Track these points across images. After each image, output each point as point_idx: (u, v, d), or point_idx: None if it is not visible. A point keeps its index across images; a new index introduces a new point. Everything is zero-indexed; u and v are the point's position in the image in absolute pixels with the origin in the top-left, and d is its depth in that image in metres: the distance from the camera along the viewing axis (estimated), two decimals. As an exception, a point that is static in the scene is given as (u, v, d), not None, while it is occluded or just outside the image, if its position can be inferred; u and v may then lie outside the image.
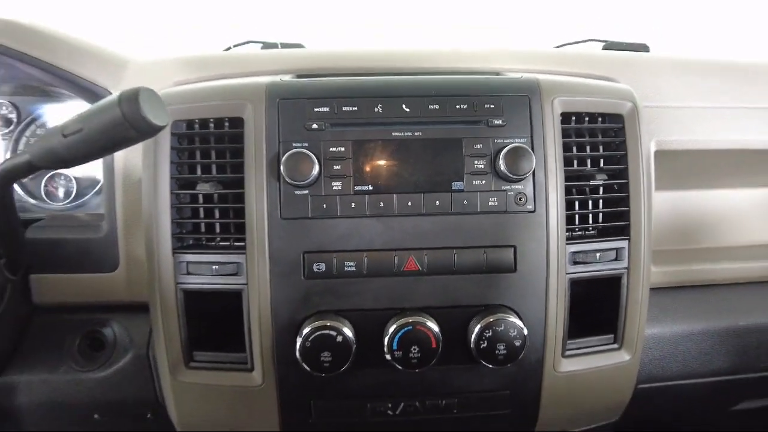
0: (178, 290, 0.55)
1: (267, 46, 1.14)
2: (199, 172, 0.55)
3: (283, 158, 0.51)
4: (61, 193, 0.74)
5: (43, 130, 0.75)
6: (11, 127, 0.75)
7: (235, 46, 1.12)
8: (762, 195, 0.75)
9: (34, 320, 0.63)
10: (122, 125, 0.42)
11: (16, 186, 0.68)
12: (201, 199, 0.55)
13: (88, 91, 0.63)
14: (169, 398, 0.59)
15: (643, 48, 1.14)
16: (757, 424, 0.85)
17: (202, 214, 0.55)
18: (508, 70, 0.67)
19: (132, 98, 0.41)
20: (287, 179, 0.51)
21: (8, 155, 0.75)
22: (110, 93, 0.63)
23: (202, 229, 0.55)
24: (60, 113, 0.75)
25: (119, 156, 0.62)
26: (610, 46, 1.14)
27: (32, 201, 0.74)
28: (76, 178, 0.74)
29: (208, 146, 0.55)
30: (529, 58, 0.69)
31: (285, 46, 1.09)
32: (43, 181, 0.74)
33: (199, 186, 0.55)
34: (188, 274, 0.55)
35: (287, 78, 0.59)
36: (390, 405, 0.57)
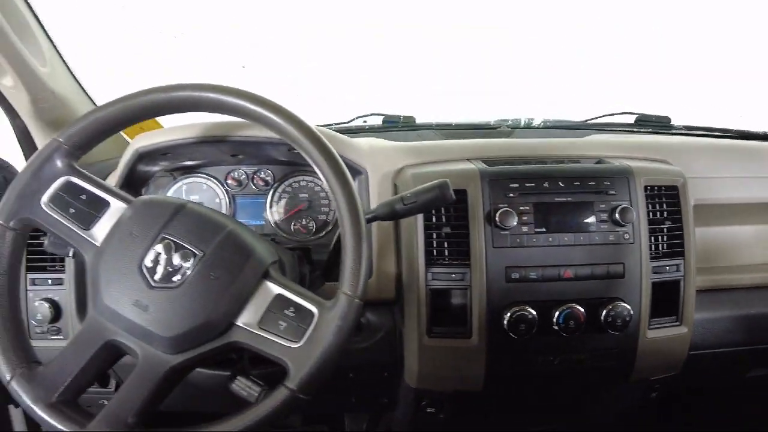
0: (427, 289, 0.94)
1: (387, 118, 1.55)
2: (443, 219, 0.94)
3: (497, 213, 0.91)
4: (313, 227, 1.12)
5: (290, 189, 1.14)
6: (267, 187, 1.14)
7: (359, 117, 1.53)
8: (765, 230, 1.17)
9: None
10: (439, 201, 0.81)
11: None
12: (443, 235, 0.94)
13: (354, 170, 1.01)
14: (412, 359, 0.96)
15: (666, 120, 1.57)
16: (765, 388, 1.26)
17: (446, 245, 0.94)
18: (604, 156, 1.07)
19: (447, 186, 0.80)
20: (498, 224, 0.91)
21: (267, 207, 1.13)
22: (359, 167, 1.01)
23: (446, 253, 0.94)
24: (302, 179, 1.14)
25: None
26: (641, 118, 1.56)
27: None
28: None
29: (448, 205, 0.94)
30: (614, 147, 1.11)
31: (406, 119, 1.50)
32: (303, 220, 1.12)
33: (444, 228, 0.94)
34: (434, 279, 0.94)
35: (481, 164, 0.99)
36: (551, 357, 0.95)
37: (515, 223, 0.91)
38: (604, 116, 1.62)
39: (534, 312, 0.91)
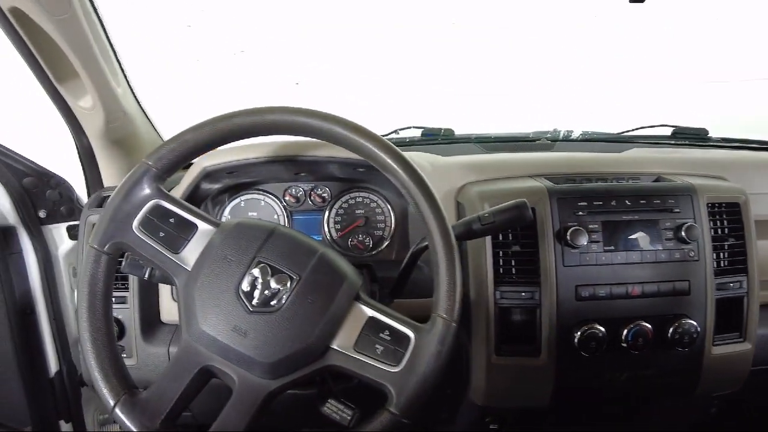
0: (496, 308, 0.94)
1: (426, 131, 1.55)
2: (511, 237, 0.95)
3: (568, 232, 0.91)
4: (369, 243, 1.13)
5: (346, 206, 1.14)
6: (324, 203, 1.14)
7: (399, 129, 1.53)
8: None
9: None
10: (517, 221, 0.81)
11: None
12: (511, 254, 0.95)
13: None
14: (480, 377, 0.97)
15: (703, 132, 1.58)
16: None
17: (514, 263, 0.94)
18: (663, 173, 1.08)
19: (526, 206, 0.81)
20: (569, 243, 0.91)
21: (325, 223, 1.13)
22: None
23: (514, 271, 0.95)
24: (358, 195, 1.14)
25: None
26: (678, 131, 1.57)
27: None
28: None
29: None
30: (672, 164, 1.11)
31: (446, 132, 1.51)
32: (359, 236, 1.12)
33: (513, 247, 0.94)
34: (502, 298, 0.94)
35: (547, 182, 0.99)
36: (618, 374, 0.96)
37: (586, 242, 0.92)
38: (640, 128, 1.63)
39: (603, 329, 0.92)
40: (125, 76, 1.01)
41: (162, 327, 1.03)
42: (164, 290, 1.00)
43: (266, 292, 0.67)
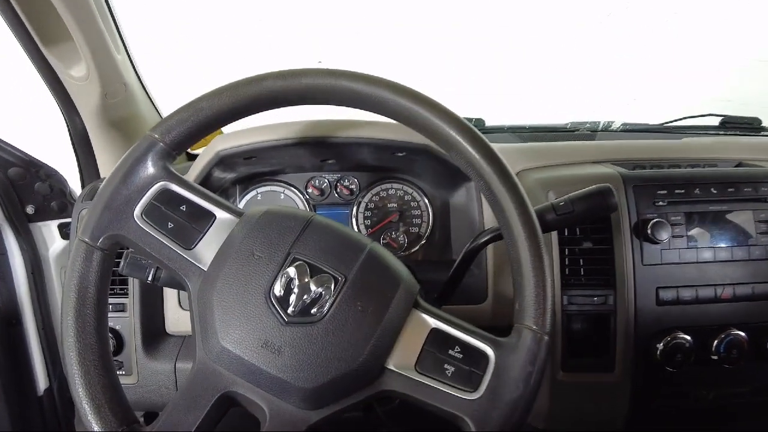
0: (563, 314, 0.80)
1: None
2: (578, 232, 0.81)
3: (649, 225, 0.77)
4: (404, 242, 0.99)
5: (377, 199, 1.00)
6: (352, 196, 1.00)
7: None
8: None
9: None
10: (599, 210, 0.67)
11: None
12: (580, 252, 0.81)
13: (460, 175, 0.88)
14: (542, 397, 0.82)
15: (756, 121, 1.45)
16: None
17: (583, 263, 0.81)
18: (745, 158, 0.94)
19: (610, 192, 0.67)
20: (650, 237, 0.78)
21: (353, 219, 1.00)
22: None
23: (583, 272, 0.81)
24: (390, 186, 1.00)
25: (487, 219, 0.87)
26: (727, 120, 1.44)
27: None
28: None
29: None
30: (754, 149, 0.98)
31: (477, 121, 1.37)
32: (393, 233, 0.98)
33: (584, 243, 0.80)
34: (570, 303, 0.80)
35: (620, 168, 0.86)
36: (704, 392, 0.81)
37: (668, 237, 0.78)
38: (685, 119, 1.50)
39: (690, 339, 0.78)
40: (124, 44, 0.86)
41: (167, 339, 0.88)
42: (170, 296, 0.86)
43: (305, 297, 0.52)
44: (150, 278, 0.66)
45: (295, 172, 0.98)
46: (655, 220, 0.78)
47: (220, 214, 0.58)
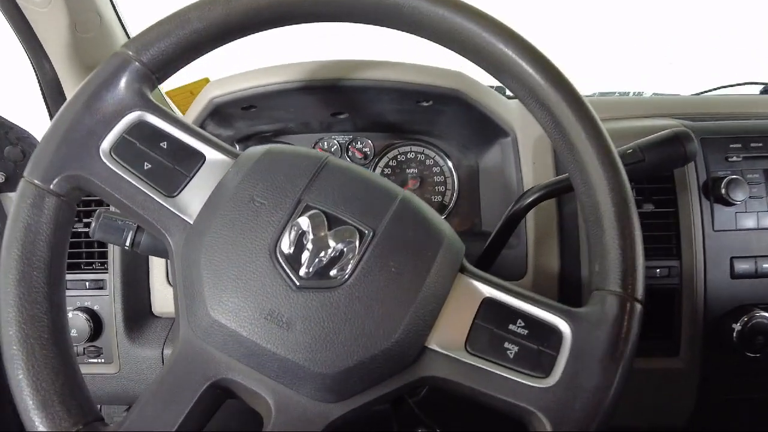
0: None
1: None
2: (636, 193, 0.69)
3: (722, 184, 0.65)
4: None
5: (394, 164, 0.88)
6: (366, 161, 0.88)
7: None
8: None
9: None
10: (677, 160, 0.55)
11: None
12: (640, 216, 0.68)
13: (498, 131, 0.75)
14: None
15: (807, 89, 1.33)
16: None
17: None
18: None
19: (689, 137, 0.55)
20: (724, 198, 0.66)
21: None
22: (506, 128, 0.75)
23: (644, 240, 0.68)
24: (409, 149, 0.88)
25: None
26: (769, 88, 1.32)
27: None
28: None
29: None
30: None
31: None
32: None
33: (645, 206, 0.68)
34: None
35: (684, 119, 0.74)
36: None
37: (745, 197, 0.66)
38: (721, 87, 1.38)
39: None
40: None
41: (154, 321, 0.76)
42: (157, 269, 0.73)
43: (321, 255, 0.40)
44: (128, 243, 0.53)
45: (301, 131, 0.86)
46: (729, 178, 0.66)
47: (211, 155, 0.46)
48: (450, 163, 0.87)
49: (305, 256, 0.40)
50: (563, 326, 0.41)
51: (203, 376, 0.39)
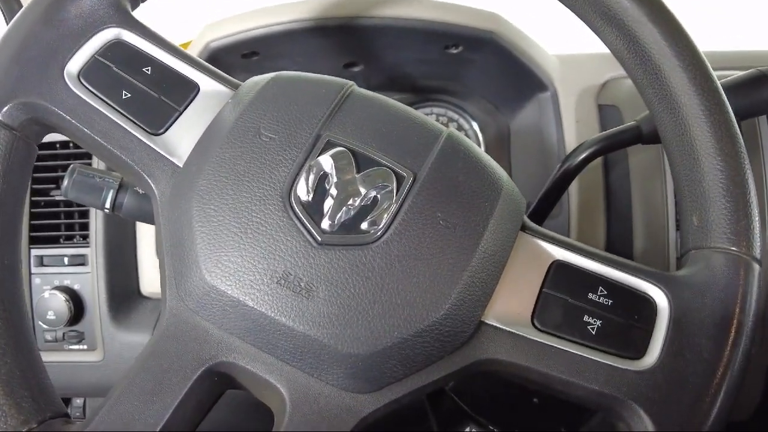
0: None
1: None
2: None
3: None
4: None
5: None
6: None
7: None
8: None
9: None
10: (762, 105, 0.46)
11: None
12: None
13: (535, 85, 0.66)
14: None
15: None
16: None
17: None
18: None
19: None
20: None
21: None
22: (546, 81, 0.66)
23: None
24: (431, 111, 0.79)
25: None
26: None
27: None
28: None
29: None
30: None
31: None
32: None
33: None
34: (689, 248, 0.59)
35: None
36: None
37: None
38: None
39: None
40: None
41: (142, 302, 0.66)
42: (145, 241, 0.64)
43: (349, 203, 0.31)
44: (108, 205, 0.44)
45: None
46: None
47: (207, 84, 0.36)
48: (476, 125, 0.77)
49: (328, 204, 0.31)
50: (657, 294, 0.32)
51: (196, 360, 0.30)
